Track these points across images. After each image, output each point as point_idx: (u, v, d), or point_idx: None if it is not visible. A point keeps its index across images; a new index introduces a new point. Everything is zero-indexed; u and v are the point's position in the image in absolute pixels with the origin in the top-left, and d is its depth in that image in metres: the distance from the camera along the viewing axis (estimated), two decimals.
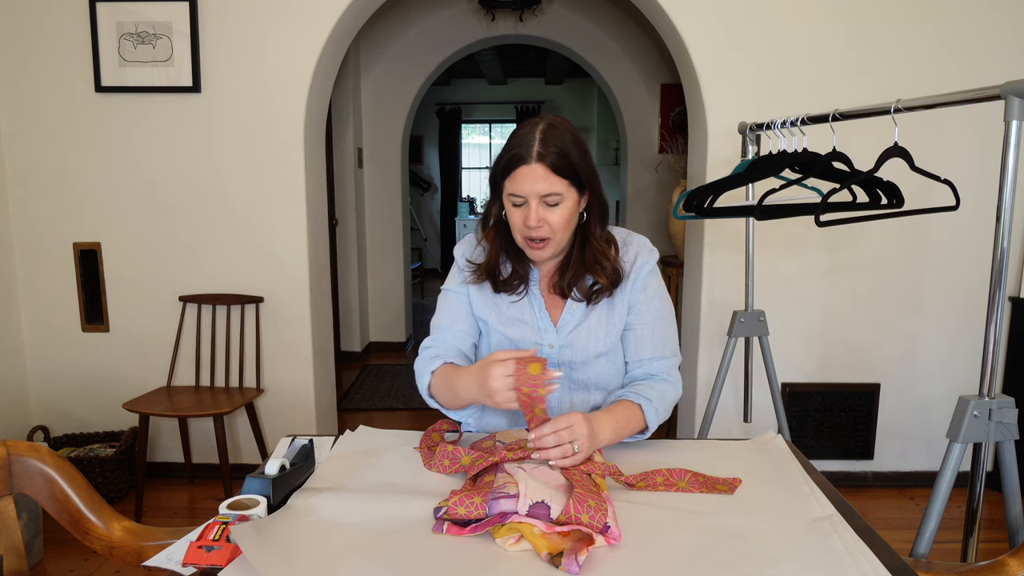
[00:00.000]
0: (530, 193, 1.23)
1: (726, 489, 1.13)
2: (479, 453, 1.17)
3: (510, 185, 1.25)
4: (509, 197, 1.27)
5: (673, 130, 4.79)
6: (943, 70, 2.65)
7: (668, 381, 1.36)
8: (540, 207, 1.24)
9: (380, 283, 5.06)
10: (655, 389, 1.32)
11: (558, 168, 1.22)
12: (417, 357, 1.40)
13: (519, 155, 1.23)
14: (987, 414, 1.36)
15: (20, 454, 1.17)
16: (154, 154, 2.78)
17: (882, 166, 1.63)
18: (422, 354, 1.39)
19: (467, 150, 9.27)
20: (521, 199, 1.25)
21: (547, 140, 1.22)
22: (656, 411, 1.29)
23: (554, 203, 1.24)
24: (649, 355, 1.37)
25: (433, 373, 1.32)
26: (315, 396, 2.95)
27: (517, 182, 1.23)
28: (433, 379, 1.31)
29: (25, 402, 2.92)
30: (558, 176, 1.22)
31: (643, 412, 1.28)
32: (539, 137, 1.22)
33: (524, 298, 1.37)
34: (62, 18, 2.69)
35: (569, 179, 1.24)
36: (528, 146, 1.22)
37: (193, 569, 0.91)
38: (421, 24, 4.62)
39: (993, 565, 1.15)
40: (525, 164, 1.22)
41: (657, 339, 1.37)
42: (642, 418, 1.28)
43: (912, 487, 2.91)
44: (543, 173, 1.22)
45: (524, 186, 1.23)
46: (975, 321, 2.79)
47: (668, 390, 1.34)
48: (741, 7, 2.66)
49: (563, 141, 1.23)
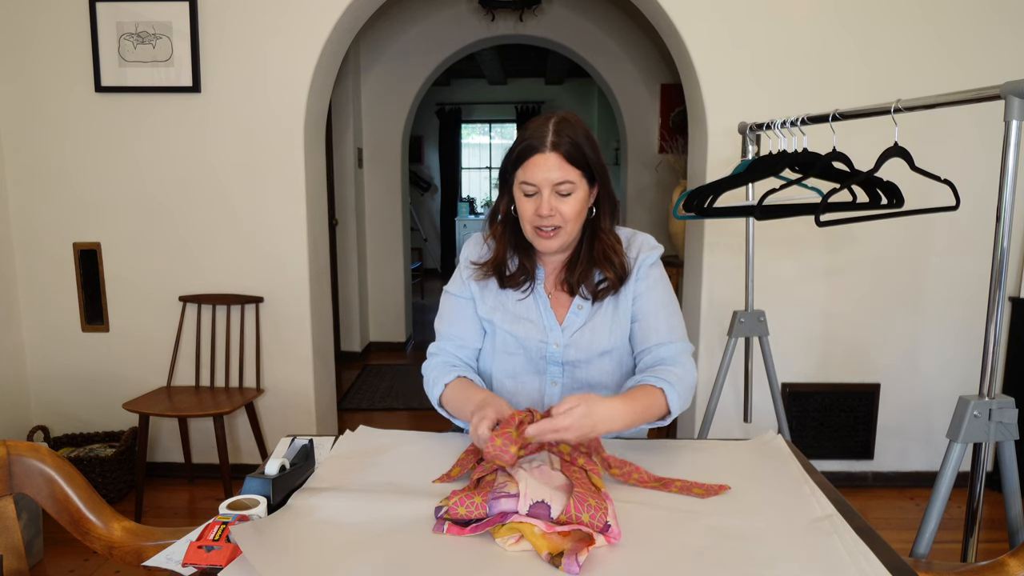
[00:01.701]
0: (543, 182, 1.25)
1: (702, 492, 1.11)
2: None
3: (523, 174, 1.27)
4: (521, 186, 1.28)
5: (673, 130, 4.79)
6: (943, 70, 2.65)
7: (682, 364, 1.32)
8: (552, 196, 1.26)
9: (380, 283, 5.06)
10: (673, 372, 1.28)
11: (571, 158, 1.24)
12: (426, 362, 1.41)
13: (532, 145, 1.25)
14: (987, 414, 1.36)
15: (20, 454, 1.17)
16: (154, 154, 2.77)
17: (882, 166, 1.63)
18: (431, 360, 1.40)
19: (467, 150, 9.27)
20: (534, 188, 1.26)
21: (560, 131, 1.25)
22: (678, 395, 1.25)
23: (566, 192, 1.26)
24: (656, 341, 1.35)
25: (447, 386, 1.33)
26: (315, 396, 2.95)
27: (530, 170, 1.25)
28: (446, 392, 1.33)
29: (25, 402, 2.92)
30: (571, 165, 1.25)
31: (665, 396, 1.23)
32: (553, 128, 1.25)
33: (530, 296, 1.38)
34: (62, 18, 2.69)
35: (581, 170, 1.26)
36: (542, 136, 1.25)
37: (193, 569, 0.91)
38: (421, 24, 4.62)
39: (993, 565, 1.15)
40: (539, 153, 1.24)
41: (663, 325, 1.35)
42: (664, 402, 1.24)
43: (912, 487, 2.91)
44: (557, 162, 1.24)
45: (538, 174, 1.24)
46: (975, 321, 2.79)
47: (685, 373, 1.29)
48: (741, 7, 2.66)
49: (575, 133, 1.26)
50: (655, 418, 1.25)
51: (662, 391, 1.24)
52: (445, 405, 1.34)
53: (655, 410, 1.23)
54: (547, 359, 1.36)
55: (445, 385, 1.33)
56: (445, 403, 1.34)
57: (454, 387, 1.32)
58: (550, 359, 1.36)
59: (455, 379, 1.33)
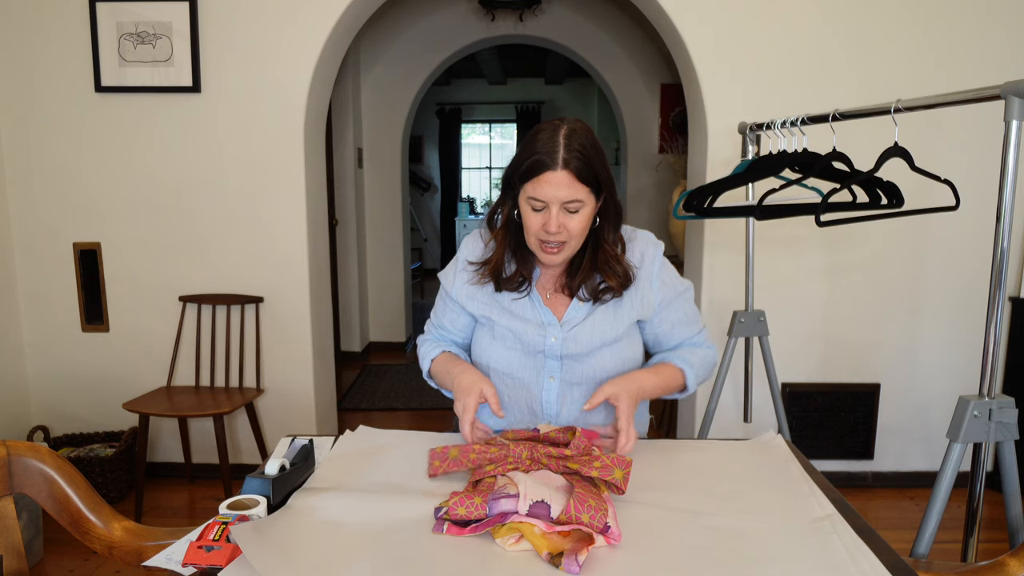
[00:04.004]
0: (552, 199, 1.23)
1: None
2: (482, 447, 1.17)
3: (532, 189, 1.25)
4: (529, 200, 1.27)
5: (673, 130, 4.79)
6: (943, 70, 2.65)
7: (704, 346, 1.45)
8: (560, 213, 1.25)
9: (380, 283, 5.06)
10: (696, 354, 1.42)
11: (581, 175, 1.23)
12: (421, 335, 1.55)
13: (543, 161, 1.22)
14: (987, 414, 1.36)
15: (20, 454, 1.17)
16: (154, 154, 2.77)
17: (882, 166, 1.63)
18: (425, 337, 1.53)
19: (467, 150, 9.27)
20: (542, 204, 1.25)
21: (571, 146, 1.22)
22: (696, 374, 1.39)
23: (575, 209, 1.25)
24: (680, 337, 1.44)
25: (434, 360, 1.45)
26: (315, 396, 2.95)
27: (540, 187, 1.23)
28: (433, 366, 1.45)
29: (25, 402, 2.92)
30: (581, 183, 1.23)
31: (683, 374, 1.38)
32: (563, 143, 1.22)
33: (526, 297, 1.38)
34: (62, 18, 2.69)
35: (590, 186, 1.25)
36: (552, 152, 1.22)
37: (193, 569, 0.91)
38: (421, 24, 4.62)
39: (993, 565, 1.15)
40: (550, 170, 1.22)
41: (690, 320, 1.45)
42: (681, 379, 1.38)
43: (912, 487, 2.91)
44: (568, 180, 1.22)
45: (548, 192, 1.23)
46: (975, 321, 2.78)
47: (709, 354, 1.45)
48: (741, 7, 2.66)
49: (585, 147, 1.24)
50: (674, 390, 1.39)
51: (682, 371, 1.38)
52: (434, 375, 1.45)
53: (674, 383, 1.37)
54: (545, 353, 1.36)
55: (432, 360, 1.45)
56: (433, 373, 1.45)
57: (440, 360, 1.44)
58: (548, 353, 1.36)
59: (440, 353, 1.45)
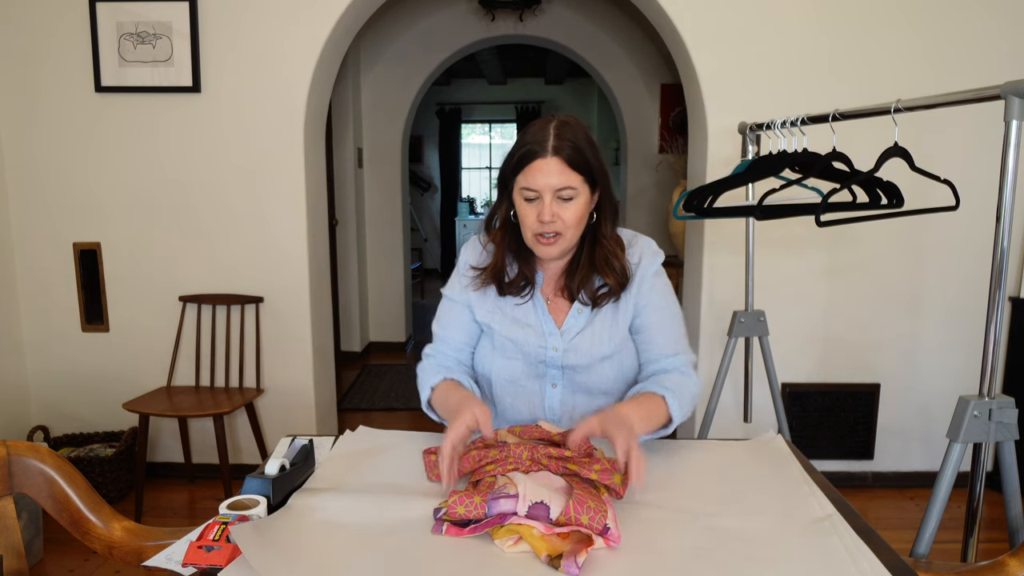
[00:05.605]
0: (544, 187, 1.23)
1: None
2: (481, 452, 1.17)
3: (524, 179, 1.25)
4: (522, 191, 1.26)
5: (673, 130, 4.79)
6: (943, 70, 2.65)
7: (686, 375, 1.34)
8: (554, 202, 1.24)
9: (380, 283, 5.06)
10: (674, 380, 1.30)
11: (573, 162, 1.22)
12: (420, 363, 1.42)
13: (533, 149, 1.23)
14: (987, 414, 1.36)
15: (20, 454, 1.17)
16: (154, 154, 2.77)
17: (882, 166, 1.63)
18: (424, 363, 1.41)
19: (467, 150, 9.27)
20: (535, 193, 1.24)
21: (561, 134, 1.23)
22: (679, 403, 1.26)
23: (568, 197, 1.24)
24: (658, 353, 1.36)
25: (433, 389, 1.34)
26: (315, 396, 2.95)
27: (532, 175, 1.23)
28: (433, 395, 1.34)
29: (25, 402, 2.92)
30: (573, 170, 1.23)
31: (666, 403, 1.24)
32: (553, 132, 1.23)
33: (528, 301, 1.37)
34: (62, 18, 2.69)
35: (583, 175, 1.24)
36: (542, 141, 1.23)
37: (193, 569, 0.91)
38: (421, 24, 4.62)
39: (993, 565, 1.15)
40: (540, 158, 1.22)
41: (669, 338, 1.36)
42: (665, 410, 1.25)
43: (912, 487, 2.91)
44: (558, 167, 1.22)
45: (539, 179, 1.23)
46: (975, 321, 2.78)
47: (688, 383, 1.31)
48: (741, 7, 2.66)
49: (577, 137, 1.24)
50: (659, 424, 1.25)
51: (663, 398, 1.25)
52: (434, 406, 1.35)
53: (658, 416, 1.24)
54: (546, 363, 1.35)
55: (432, 389, 1.34)
56: (434, 404, 1.35)
57: (440, 390, 1.33)
58: (549, 363, 1.35)
59: (441, 381, 1.34)
